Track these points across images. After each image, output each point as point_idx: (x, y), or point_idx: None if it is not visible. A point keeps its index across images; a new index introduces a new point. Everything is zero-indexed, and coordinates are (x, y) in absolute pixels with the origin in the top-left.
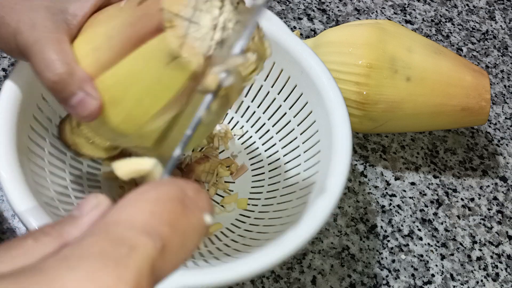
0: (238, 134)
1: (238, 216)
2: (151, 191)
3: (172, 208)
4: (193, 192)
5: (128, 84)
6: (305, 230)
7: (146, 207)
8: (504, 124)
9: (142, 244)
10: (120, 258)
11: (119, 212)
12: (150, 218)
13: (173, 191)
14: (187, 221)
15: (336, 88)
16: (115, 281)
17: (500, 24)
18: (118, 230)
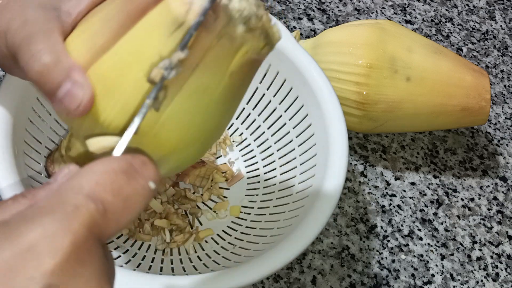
0: (237, 141)
1: (230, 223)
2: (99, 165)
3: (115, 178)
4: (138, 163)
5: (127, 65)
6: (297, 244)
7: (92, 178)
8: (504, 124)
9: (85, 205)
10: (66, 214)
11: (72, 181)
12: (95, 186)
13: (118, 164)
14: (131, 188)
15: (337, 101)
16: (60, 230)
17: (500, 24)
18: (68, 194)
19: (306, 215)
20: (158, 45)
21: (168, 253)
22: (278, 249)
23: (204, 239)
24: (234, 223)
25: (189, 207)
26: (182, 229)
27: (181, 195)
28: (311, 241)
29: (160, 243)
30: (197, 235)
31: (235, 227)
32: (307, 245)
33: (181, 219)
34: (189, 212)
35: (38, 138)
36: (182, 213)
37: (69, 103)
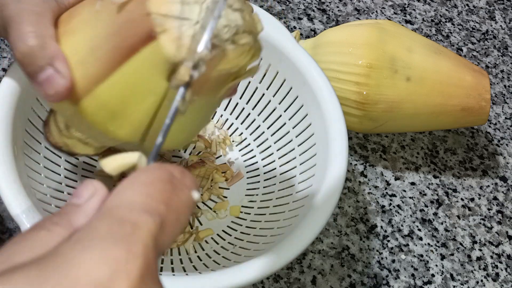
0: (237, 140)
1: (230, 223)
2: (142, 176)
3: (163, 188)
4: (179, 173)
5: (127, 97)
6: (297, 244)
7: (141, 190)
8: (504, 124)
9: (143, 221)
10: (126, 235)
11: (118, 196)
12: (146, 199)
13: (161, 173)
14: (178, 198)
15: (337, 101)
16: (126, 255)
17: (500, 24)
18: (120, 212)
19: (306, 215)
20: (155, 83)
21: (168, 253)
22: (278, 249)
23: (204, 239)
24: (234, 223)
25: None
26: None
27: None
28: (311, 241)
29: None
30: (197, 235)
31: (235, 227)
32: (307, 245)
33: None
34: None
35: (37, 138)
36: None
37: (48, 89)
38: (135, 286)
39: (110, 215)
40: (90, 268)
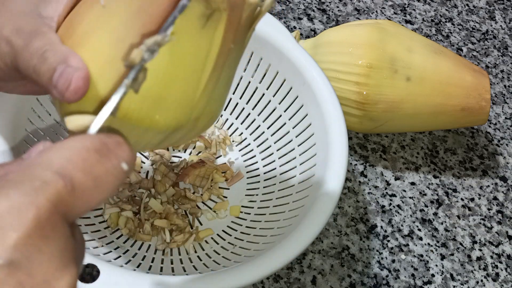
0: (237, 140)
1: (230, 223)
2: (71, 141)
3: (87, 156)
4: (113, 143)
5: (168, 75)
6: (297, 244)
7: (63, 154)
8: (504, 124)
9: (53, 181)
10: (32, 188)
11: (42, 155)
12: (64, 162)
13: (91, 142)
14: (102, 167)
15: (336, 101)
16: (25, 203)
17: (500, 24)
18: (37, 169)
19: (306, 215)
20: (193, 45)
21: (168, 253)
22: (278, 249)
23: (204, 239)
24: (234, 223)
25: (189, 207)
26: (182, 229)
27: (181, 195)
28: (310, 241)
29: (160, 243)
30: (197, 235)
31: (235, 227)
32: (307, 245)
33: (181, 219)
34: (189, 212)
35: (37, 138)
36: (182, 213)
37: (64, 86)
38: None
39: (28, 170)
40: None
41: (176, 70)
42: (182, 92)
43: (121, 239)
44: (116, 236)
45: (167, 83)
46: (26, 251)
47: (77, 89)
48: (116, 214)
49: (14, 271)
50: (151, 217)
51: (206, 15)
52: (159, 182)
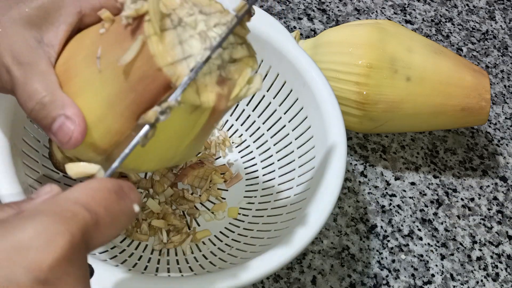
0: (236, 142)
1: (228, 225)
2: (93, 183)
3: (108, 196)
4: (127, 188)
5: (155, 140)
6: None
7: (88, 192)
8: (504, 124)
9: (81, 213)
10: (65, 218)
11: (66, 193)
12: (90, 200)
13: (110, 184)
14: (119, 207)
15: (336, 103)
16: (60, 231)
17: (500, 24)
18: (65, 202)
19: (303, 217)
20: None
21: (164, 253)
22: (275, 250)
23: (201, 240)
24: (232, 224)
25: (187, 207)
26: (180, 230)
27: (179, 195)
28: (309, 241)
29: (157, 244)
30: (194, 236)
31: (233, 229)
32: (305, 246)
33: (179, 220)
34: (187, 213)
35: (36, 136)
36: (180, 213)
37: (62, 137)
38: (62, 257)
39: (56, 202)
40: (31, 235)
41: (162, 138)
42: (164, 152)
43: (117, 238)
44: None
45: (153, 145)
46: (58, 272)
47: (76, 142)
48: None
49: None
50: (149, 217)
51: (194, 106)
52: (158, 182)
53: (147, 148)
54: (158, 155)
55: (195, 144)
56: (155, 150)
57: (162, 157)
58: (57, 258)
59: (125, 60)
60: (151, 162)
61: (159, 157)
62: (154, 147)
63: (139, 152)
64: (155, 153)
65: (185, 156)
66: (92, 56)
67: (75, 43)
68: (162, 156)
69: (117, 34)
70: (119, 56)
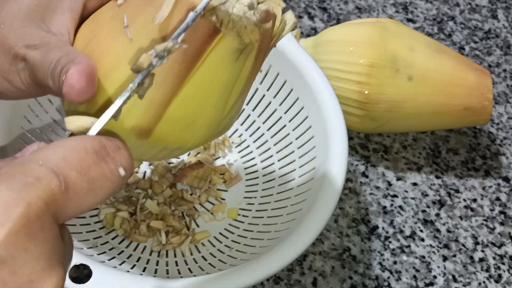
0: (236, 142)
1: (228, 226)
2: (70, 141)
3: (84, 156)
4: (112, 148)
5: (199, 103)
6: (294, 248)
7: (60, 152)
8: (507, 124)
9: (47, 178)
10: (24, 183)
11: (38, 152)
12: (60, 161)
13: (91, 143)
14: (99, 170)
15: (337, 103)
16: (15, 198)
17: (502, 23)
18: (31, 164)
19: (304, 218)
20: (225, 76)
21: (163, 255)
22: (275, 252)
23: (201, 241)
24: (232, 225)
25: (186, 208)
26: (179, 231)
27: (178, 196)
28: (309, 243)
29: (156, 245)
30: (194, 237)
31: (233, 230)
32: (304, 248)
33: (178, 221)
34: (186, 214)
35: (35, 136)
36: (179, 214)
37: (70, 90)
38: (17, 230)
39: (21, 164)
40: None
41: (206, 99)
42: (211, 117)
43: (116, 239)
44: (111, 236)
45: (198, 109)
46: (12, 249)
47: (81, 88)
48: (112, 214)
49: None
50: (148, 218)
51: (239, 50)
52: (156, 183)
53: (195, 112)
54: (207, 120)
55: (240, 101)
56: (203, 113)
57: (211, 122)
58: (9, 233)
59: (162, 16)
60: (199, 133)
61: (207, 124)
62: (202, 110)
63: (186, 121)
64: (203, 117)
65: (231, 120)
66: (118, 28)
67: (91, 25)
68: (211, 121)
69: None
70: (150, 17)
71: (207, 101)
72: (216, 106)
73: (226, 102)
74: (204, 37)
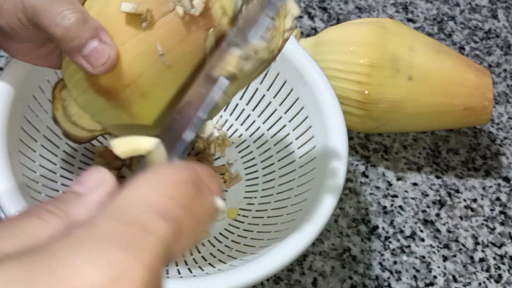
0: (236, 142)
1: (228, 226)
2: (166, 173)
3: (187, 191)
4: (206, 175)
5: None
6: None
7: (161, 189)
8: (507, 124)
9: (156, 226)
10: (135, 240)
11: (131, 192)
12: (165, 201)
13: (188, 174)
14: (201, 205)
15: (337, 103)
16: (130, 262)
17: (502, 23)
18: (132, 211)
19: (304, 218)
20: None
21: None
22: (274, 252)
23: (201, 241)
24: (232, 225)
25: None
26: None
27: None
28: (309, 243)
29: None
30: None
31: (233, 230)
32: (305, 247)
33: None
34: None
35: (34, 136)
36: None
37: (95, 60)
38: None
39: (118, 213)
40: (87, 272)
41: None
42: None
43: None
44: None
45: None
46: None
47: (110, 66)
48: None
49: None
50: None
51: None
52: None
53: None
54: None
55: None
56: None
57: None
58: None
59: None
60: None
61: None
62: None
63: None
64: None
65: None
66: (150, 53)
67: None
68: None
69: (173, 27)
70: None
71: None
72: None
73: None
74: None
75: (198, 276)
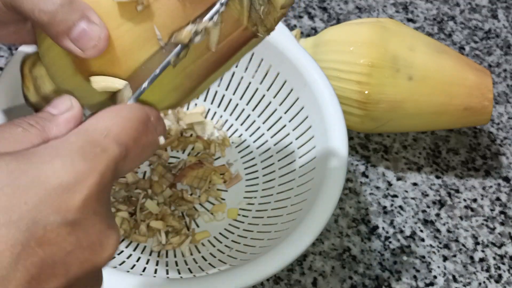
0: (236, 142)
1: (228, 226)
2: (124, 110)
3: (138, 127)
4: (155, 118)
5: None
6: (293, 248)
7: (118, 122)
8: (507, 124)
9: (112, 149)
10: (95, 155)
11: (98, 121)
12: (121, 132)
13: (141, 114)
14: (146, 139)
15: (337, 103)
16: (89, 169)
17: (502, 23)
18: (95, 135)
19: (304, 218)
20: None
21: (163, 255)
22: (275, 252)
23: (201, 241)
24: (232, 225)
25: (186, 208)
26: (178, 231)
27: (178, 196)
28: (309, 243)
29: (156, 245)
30: (194, 237)
31: (233, 230)
32: (305, 247)
33: (178, 221)
34: (186, 214)
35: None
36: (179, 214)
37: (86, 43)
38: (90, 196)
39: (86, 134)
40: (59, 172)
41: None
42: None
43: None
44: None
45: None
46: (85, 212)
47: (101, 47)
48: None
49: (75, 230)
50: (147, 218)
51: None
52: (156, 183)
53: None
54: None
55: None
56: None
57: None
58: (86, 198)
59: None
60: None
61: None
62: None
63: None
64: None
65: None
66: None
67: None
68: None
69: (169, 9)
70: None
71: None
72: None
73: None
74: (240, 42)
75: (198, 276)
